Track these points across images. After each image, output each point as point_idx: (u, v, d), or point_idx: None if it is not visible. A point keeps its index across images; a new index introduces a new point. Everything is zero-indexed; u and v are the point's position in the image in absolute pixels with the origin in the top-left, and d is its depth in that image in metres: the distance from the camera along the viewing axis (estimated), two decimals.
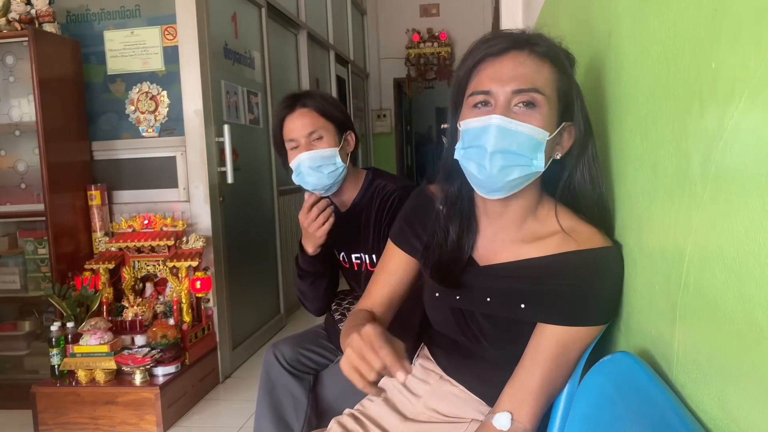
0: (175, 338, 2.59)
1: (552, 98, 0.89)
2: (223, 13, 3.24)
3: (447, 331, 1.07)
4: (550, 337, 0.90)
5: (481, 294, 0.98)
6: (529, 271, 0.94)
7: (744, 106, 0.49)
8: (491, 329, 0.98)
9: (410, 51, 7.22)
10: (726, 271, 0.53)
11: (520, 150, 0.87)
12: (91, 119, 2.98)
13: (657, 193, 0.72)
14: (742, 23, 0.50)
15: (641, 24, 0.79)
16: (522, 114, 0.87)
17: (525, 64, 0.88)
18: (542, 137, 0.87)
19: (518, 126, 0.86)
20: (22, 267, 2.85)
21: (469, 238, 1.01)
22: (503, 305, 0.96)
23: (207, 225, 2.93)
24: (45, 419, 2.48)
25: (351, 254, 1.67)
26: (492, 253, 0.99)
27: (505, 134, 0.87)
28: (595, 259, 0.88)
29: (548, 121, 0.88)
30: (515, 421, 0.89)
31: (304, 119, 1.53)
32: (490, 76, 0.89)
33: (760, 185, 0.46)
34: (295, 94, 1.60)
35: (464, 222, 1.01)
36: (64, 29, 2.90)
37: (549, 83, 0.88)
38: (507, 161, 0.87)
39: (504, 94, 0.87)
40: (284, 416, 1.63)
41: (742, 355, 0.51)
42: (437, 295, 1.05)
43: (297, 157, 1.53)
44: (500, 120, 0.86)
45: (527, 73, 0.87)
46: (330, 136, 1.55)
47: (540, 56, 0.89)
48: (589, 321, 0.89)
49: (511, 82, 0.87)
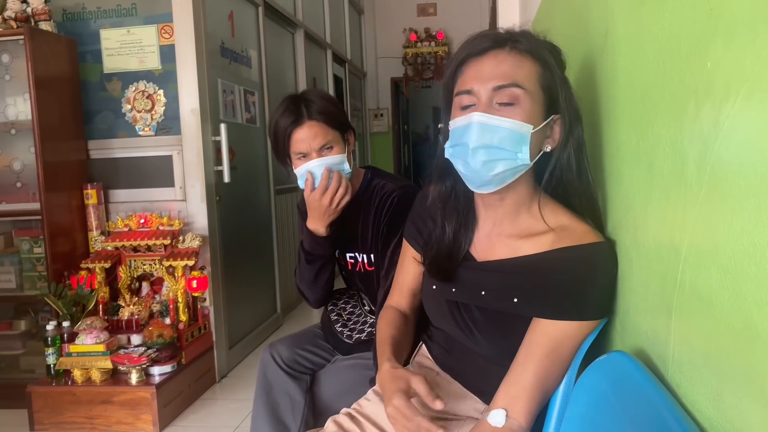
0: (172, 338, 2.58)
1: (535, 92, 0.90)
2: (220, 11, 3.24)
3: (442, 324, 1.09)
4: (543, 332, 0.91)
5: (475, 288, 1.01)
6: (524, 267, 0.96)
7: (740, 106, 0.49)
8: (485, 322, 1.00)
9: (407, 50, 7.21)
10: (721, 271, 0.53)
11: (502, 144, 0.89)
12: (87, 118, 2.97)
13: (653, 192, 0.72)
14: (738, 23, 0.50)
15: (637, 23, 0.79)
16: (504, 110, 0.90)
17: (505, 61, 0.91)
18: (525, 131, 0.89)
19: (499, 121, 0.89)
20: (18, 266, 2.84)
21: (466, 234, 1.04)
22: (497, 299, 0.98)
23: (203, 224, 2.93)
24: (41, 419, 2.48)
25: (345, 253, 1.66)
26: (489, 249, 1.02)
27: (486, 130, 0.89)
28: (588, 254, 0.89)
29: (532, 115, 0.90)
30: (510, 418, 0.89)
31: (314, 132, 1.49)
32: (472, 75, 0.92)
33: (756, 185, 0.46)
34: (296, 100, 1.53)
35: (461, 219, 1.04)
36: (60, 28, 2.89)
37: (530, 78, 0.90)
38: (489, 156, 0.90)
39: (485, 91, 0.90)
40: (281, 416, 1.63)
41: (738, 354, 0.51)
42: (434, 288, 1.08)
43: (306, 164, 1.51)
44: (480, 117, 0.89)
45: (507, 70, 0.90)
46: (338, 143, 1.53)
47: (520, 52, 0.91)
48: (582, 315, 0.90)
49: (492, 79, 0.90)
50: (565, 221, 0.94)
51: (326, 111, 1.51)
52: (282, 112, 1.52)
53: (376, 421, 1.11)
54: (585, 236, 0.91)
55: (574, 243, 0.90)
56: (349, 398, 1.22)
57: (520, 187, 0.96)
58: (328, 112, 1.52)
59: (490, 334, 1.00)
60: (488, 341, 1.00)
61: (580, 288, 0.89)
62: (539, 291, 0.92)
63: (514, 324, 0.96)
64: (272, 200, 3.89)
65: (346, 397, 1.32)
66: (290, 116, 1.50)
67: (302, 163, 1.51)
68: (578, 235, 0.91)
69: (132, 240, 2.71)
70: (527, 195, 0.98)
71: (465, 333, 1.03)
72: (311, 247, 1.58)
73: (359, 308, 1.76)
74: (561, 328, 0.90)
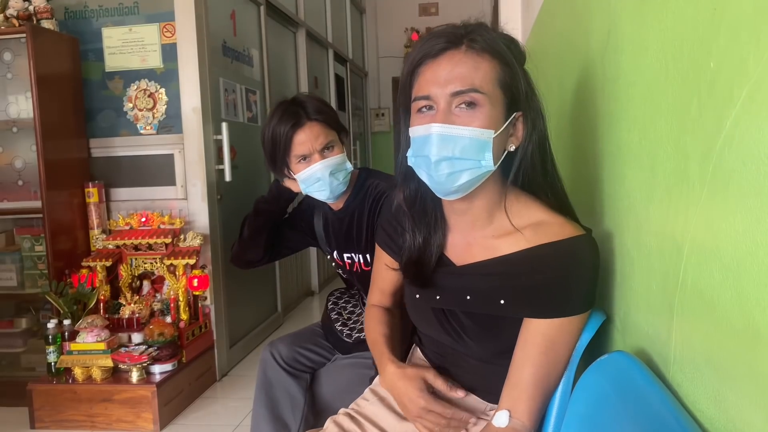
0: (172, 336, 2.58)
1: (494, 93, 0.87)
2: (222, 10, 3.24)
3: (430, 331, 1.08)
4: (535, 331, 0.90)
5: (460, 293, 0.99)
6: (505, 266, 0.94)
7: (742, 106, 0.49)
8: (473, 326, 0.99)
9: (409, 50, 7.21)
10: (724, 271, 0.53)
11: (464, 155, 0.87)
12: (88, 116, 2.97)
13: (655, 192, 0.72)
14: (741, 23, 0.50)
15: (640, 23, 0.78)
16: (463, 116, 0.87)
17: (462, 62, 0.87)
18: (487, 137, 0.87)
19: (459, 130, 0.86)
20: (19, 264, 2.85)
21: (436, 236, 1.01)
22: (483, 302, 0.96)
23: (204, 223, 2.93)
24: (41, 416, 2.48)
25: (342, 254, 1.67)
26: (467, 252, 1.00)
27: (447, 141, 0.87)
28: (569, 250, 0.88)
29: (492, 119, 0.87)
30: (513, 418, 0.89)
31: (316, 133, 1.50)
32: (429, 79, 0.88)
33: (758, 184, 0.46)
34: (291, 104, 1.54)
35: (429, 221, 1.01)
36: (62, 26, 2.89)
37: (489, 79, 0.87)
38: (452, 168, 0.87)
39: (443, 97, 0.87)
40: (281, 415, 1.63)
41: (739, 354, 0.50)
42: (417, 297, 1.06)
43: (311, 167, 1.50)
44: (440, 128, 0.86)
45: (464, 73, 0.86)
46: (338, 143, 1.54)
47: (477, 52, 0.88)
48: (571, 311, 0.89)
49: (449, 84, 0.86)
50: (541, 216, 0.92)
51: (323, 111, 1.52)
52: (279, 118, 1.51)
53: (376, 421, 1.11)
54: (563, 230, 0.89)
55: (554, 239, 0.89)
56: (349, 397, 1.22)
57: (487, 189, 0.94)
58: (325, 113, 1.52)
59: (479, 337, 0.99)
60: (478, 344, 0.99)
61: (565, 284, 0.88)
62: (525, 292, 0.91)
63: (502, 324, 0.95)
64: None
65: (345, 395, 1.32)
66: (289, 120, 1.50)
67: (303, 166, 1.51)
68: (556, 230, 0.90)
69: (133, 238, 2.71)
70: (497, 193, 0.95)
71: (454, 338, 1.02)
72: (268, 200, 1.70)
73: (359, 307, 1.76)
74: (553, 325, 0.89)
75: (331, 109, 1.58)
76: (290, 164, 1.54)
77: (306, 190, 1.55)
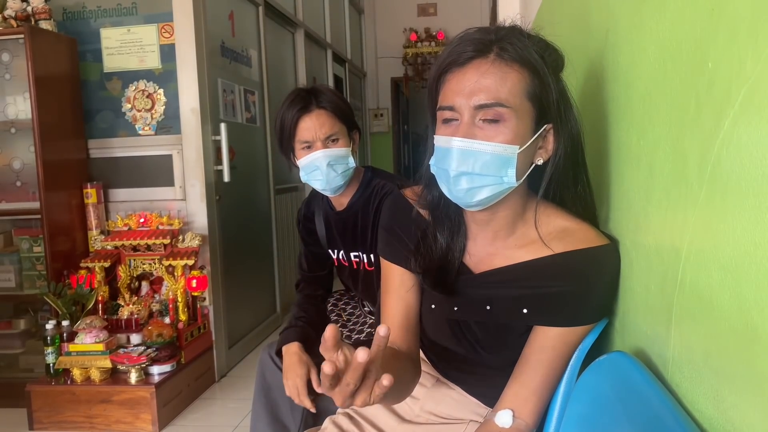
0: (171, 337, 2.58)
1: (521, 107, 0.83)
2: (221, 11, 3.24)
3: (442, 340, 1.05)
4: (555, 337, 0.89)
5: (480, 303, 0.96)
6: (526, 273, 0.91)
7: (740, 106, 0.49)
8: (487, 337, 0.97)
9: (408, 50, 7.21)
10: (722, 271, 0.53)
11: (484, 171, 0.83)
12: (87, 117, 2.97)
13: (653, 192, 0.72)
14: (739, 23, 0.49)
15: (638, 23, 0.78)
16: (487, 129, 0.83)
17: (488, 73, 0.82)
18: (510, 152, 0.83)
19: (480, 146, 0.83)
20: (18, 265, 2.84)
21: (459, 241, 0.97)
22: (506, 312, 0.94)
23: (203, 223, 2.92)
24: (40, 418, 2.48)
25: (350, 253, 1.66)
26: (486, 261, 0.96)
27: (467, 156, 0.83)
28: (593, 259, 0.86)
29: (518, 133, 0.83)
30: (517, 418, 0.89)
31: (321, 121, 1.50)
32: (454, 89, 0.85)
33: (757, 185, 0.46)
34: (306, 91, 1.54)
35: (454, 227, 0.97)
36: (61, 27, 2.89)
37: (516, 92, 0.82)
38: (472, 183, 0.84)
39: (467, 109, 0.83)
40: (280, 417, 1.63)
41: (738, 354, 0.50)
42: (433, 307, 1.02)
43: (311, 154, 1.50)
44: (461, 143, 0.83)
45: (490, 85, 0.82)
46: (344, 137, 1.54)
47: (506, 61, 0.83)
48: (591, 319, 0.90)
49: (474, 96, 0.82)
50: (565, 224, 0.90)
51: (334, 102, 1.53)
52: (290, 101, 1.53)
53: (375, 421, 1.11)
54: (587, 239, 0.87)
55: (579, 246, 0.87)
56: None
57: (511, 201, 0.90)
58: (336, 104, 1.53)
59: (493, 347, 0.97)
60: (493, 355, 0.98)
61: (589, 296, 0.87)
62: (549, 301, 0.89)
63: (515, 334, 0.94)
64: (272, 200, 3.89)
65: None
66: (298, 104, 1.51)
67: (306, 153, 1.52)
68: (580, 238, 0.88)
69: (132, 239, 2.71)
70: (521, 205, 0.92)
71: (467, 349, 1.00)
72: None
73: (359, 309, 1.76)
74: (573, 332, 0.89)
75: (345, 104, 1.58)
76: (295, 149, 1.55)
77: (305, 178, 1.55)
